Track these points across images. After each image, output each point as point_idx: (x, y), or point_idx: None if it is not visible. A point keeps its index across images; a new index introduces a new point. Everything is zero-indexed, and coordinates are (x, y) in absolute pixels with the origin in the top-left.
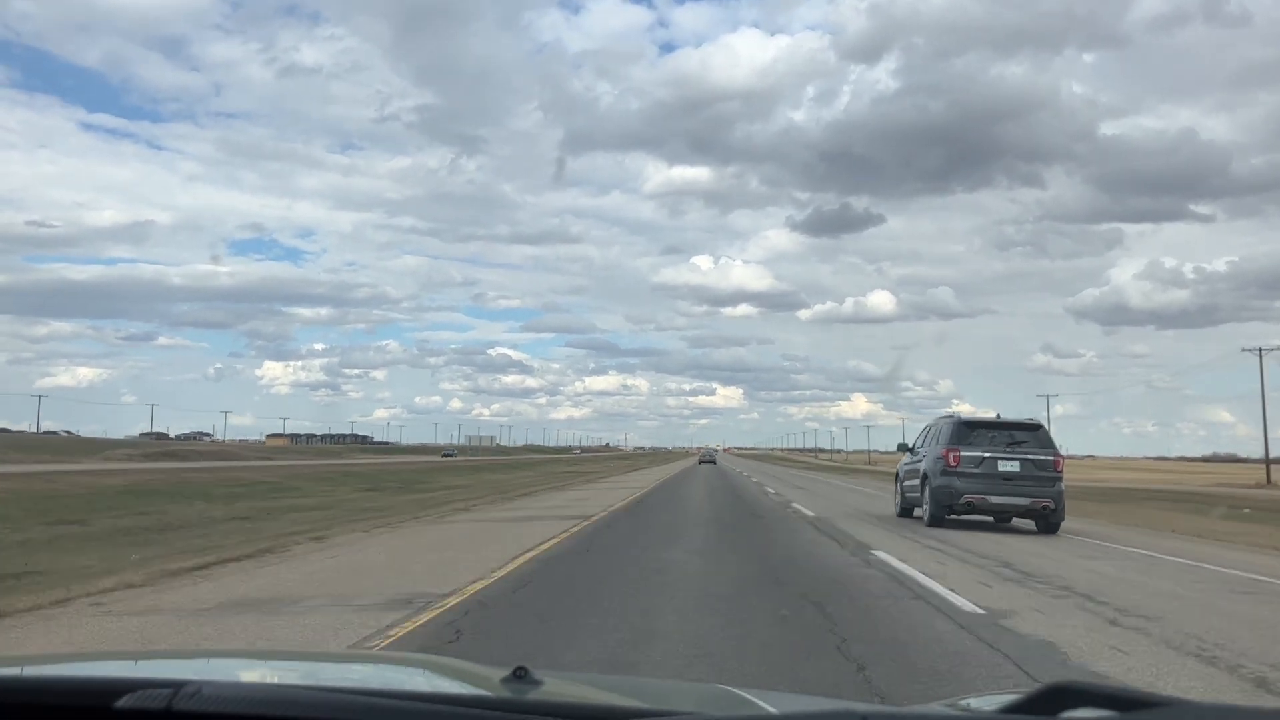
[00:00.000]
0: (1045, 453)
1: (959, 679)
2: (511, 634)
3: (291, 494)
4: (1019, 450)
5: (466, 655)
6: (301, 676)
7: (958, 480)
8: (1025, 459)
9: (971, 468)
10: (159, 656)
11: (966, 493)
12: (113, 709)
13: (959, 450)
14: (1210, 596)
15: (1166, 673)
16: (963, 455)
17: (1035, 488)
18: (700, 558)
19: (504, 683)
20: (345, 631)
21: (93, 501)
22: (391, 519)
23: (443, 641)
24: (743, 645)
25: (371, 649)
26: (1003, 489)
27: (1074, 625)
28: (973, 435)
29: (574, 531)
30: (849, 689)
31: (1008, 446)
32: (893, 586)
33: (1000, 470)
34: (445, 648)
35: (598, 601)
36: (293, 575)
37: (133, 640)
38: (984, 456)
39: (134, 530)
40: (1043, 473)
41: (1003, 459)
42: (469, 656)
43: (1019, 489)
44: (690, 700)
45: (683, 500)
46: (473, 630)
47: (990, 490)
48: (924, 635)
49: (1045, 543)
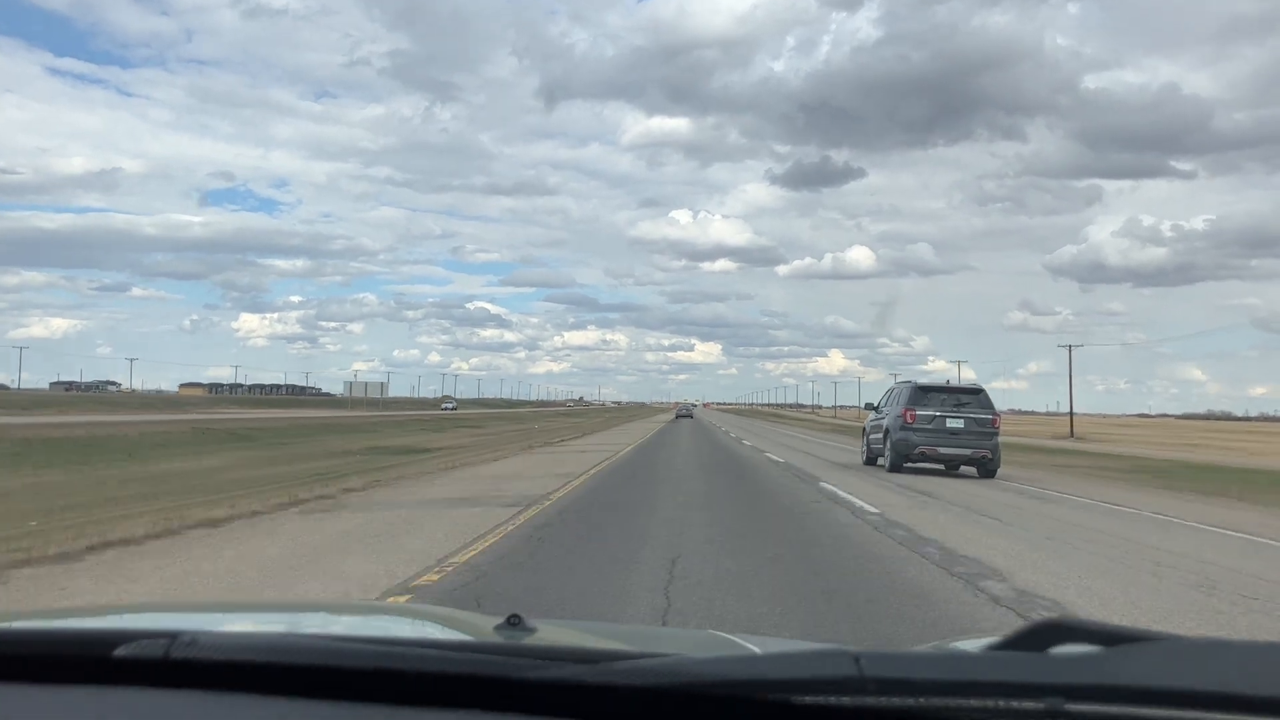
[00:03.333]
0: (985, 412)
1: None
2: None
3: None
4: (964, 410)
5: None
6: (298, 625)
7: (913, 434)
8: (969, 417)
9: (925, 424)
10: (156, 609)
11: (920, 444)
12: (110, 658)
13: (915, 409)
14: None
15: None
16: (917, 414)
17: (976, 440)
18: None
19: (497, 630)
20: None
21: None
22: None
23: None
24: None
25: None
26: (950, 441)
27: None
28: (926, 397)
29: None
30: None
31: (955, 407)
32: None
33: (948, 426)
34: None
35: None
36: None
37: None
38: (935, 415)
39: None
40: (982, 429)
41: (950, 417)
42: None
43: (963, 441)
44: (679, 645)
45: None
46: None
47: (940, 443)
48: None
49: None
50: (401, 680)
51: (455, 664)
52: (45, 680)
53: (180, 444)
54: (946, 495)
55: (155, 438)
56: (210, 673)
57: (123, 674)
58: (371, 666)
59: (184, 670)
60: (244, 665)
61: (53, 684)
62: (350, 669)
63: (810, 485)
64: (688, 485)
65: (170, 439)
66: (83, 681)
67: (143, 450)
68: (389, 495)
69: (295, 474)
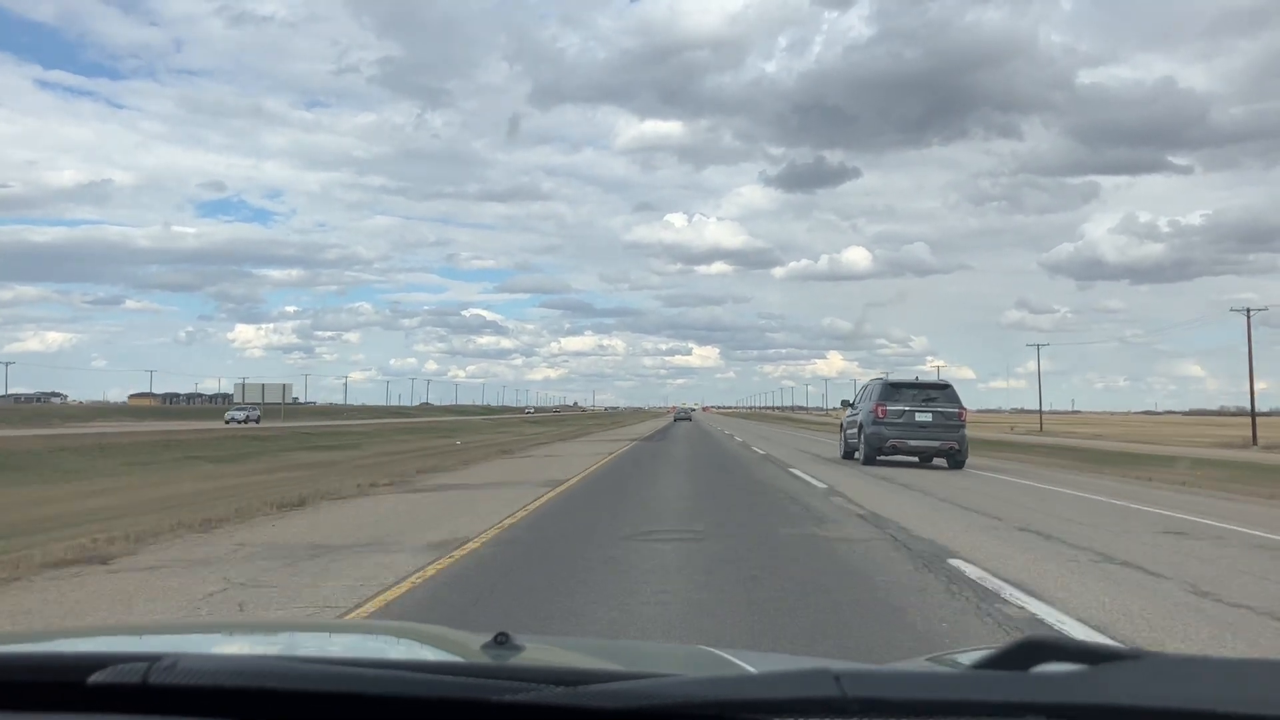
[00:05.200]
0: (952, 407)
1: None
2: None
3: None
4: (932, 405)
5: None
6: (281, 648)
7: (885, 428)
8: (937, 411)
9: (895, 419)
10: (133, 631)
11: (891, 438)
12: (87, 685)
13: (886, 405)
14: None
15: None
16: (888, 409)
17: (944, 433)
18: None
19: (484, 649)
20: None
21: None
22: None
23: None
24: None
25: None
26: (919, 434)
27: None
28: (897, 393)
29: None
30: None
31: (923, 402)
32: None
33: (917, 420)
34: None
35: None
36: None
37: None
38: (905, 409)
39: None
40: (950, 422)
41: (919, 411)
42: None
43: (931, 434)
44: (669, 663)
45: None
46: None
47: (910, 436)
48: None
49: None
50: (384, 704)
51: (436, 687)
52: (15, 708)
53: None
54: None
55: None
56: (191, 698)
57: (99, 701)
58: (352, 691)
59: (165, 696)
60: (225, 691)
61: (23, 712)
62: (331, 693)
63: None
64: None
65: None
66: (56, 709)
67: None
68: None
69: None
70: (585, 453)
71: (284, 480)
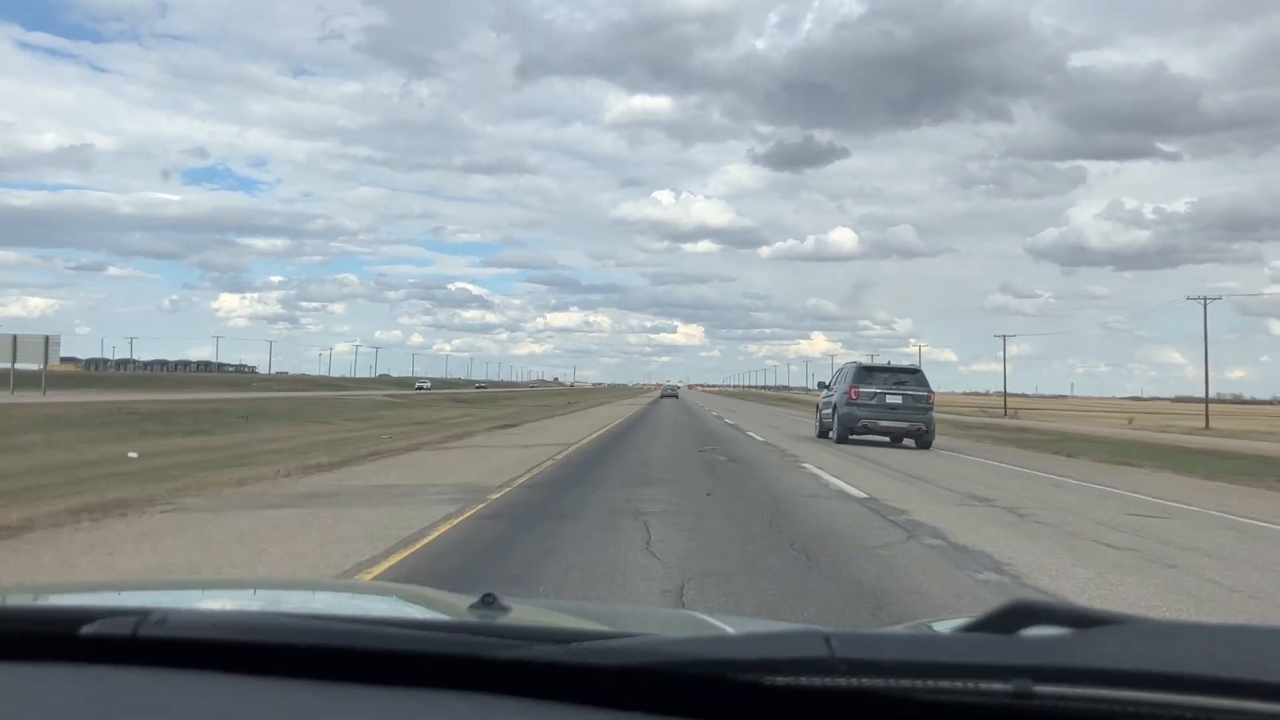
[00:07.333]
0: (921, 390)
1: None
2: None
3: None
4: (902, 388)
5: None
6: (269, 604)
7: (857, 409)
8: (906, 394)
9: (868, 400)
10: (125, 587)
11: (863, 418)
12: (78, 636)
13: (859, 387)
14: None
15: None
16: (861, 391)
17: (913, 415)
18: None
19: (471, 609)
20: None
21: None
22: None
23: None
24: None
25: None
26: (889, 416)
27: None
28: (870, 376)
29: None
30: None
31: (894, 385)
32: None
33: (888, 402)
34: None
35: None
36: None
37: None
38: (876, 392)
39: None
40: (918, 404)
41: (889, 394)
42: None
43: (901, 416)
44: (653, 625)
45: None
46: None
47: (880, 417)
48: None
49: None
50: (373, 659)
51: (427, 643)
52: (9, 658)
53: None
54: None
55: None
56: (181, 651)
57: (91, 652)
58: (342, 645)
59: (154, 649)
60: (214, 644)
61: (17, 661)
62: (320, 647)
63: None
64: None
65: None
66: (49, 659)
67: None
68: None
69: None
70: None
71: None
